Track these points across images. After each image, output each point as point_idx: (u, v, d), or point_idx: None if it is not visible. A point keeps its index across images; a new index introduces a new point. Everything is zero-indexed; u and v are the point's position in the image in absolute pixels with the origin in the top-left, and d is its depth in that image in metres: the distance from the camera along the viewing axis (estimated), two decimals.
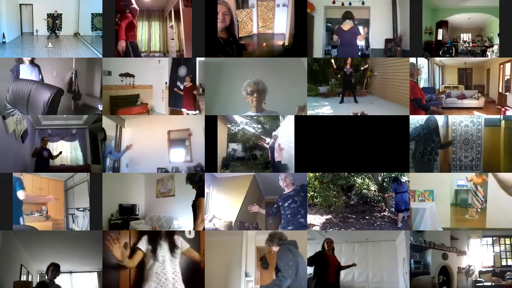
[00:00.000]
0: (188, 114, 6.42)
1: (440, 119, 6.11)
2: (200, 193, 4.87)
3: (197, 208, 4.81)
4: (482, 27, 6.08)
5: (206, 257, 5.06)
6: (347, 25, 5.91)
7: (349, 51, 6.01)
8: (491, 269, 5.65)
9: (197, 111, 6.15)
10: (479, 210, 6.12)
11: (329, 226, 6.18)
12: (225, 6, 5.09)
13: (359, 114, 5.47)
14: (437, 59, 6.21)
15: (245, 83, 4.50)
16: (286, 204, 4.75)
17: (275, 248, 4.32)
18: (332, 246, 5.30)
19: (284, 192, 4.87)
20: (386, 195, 6.91)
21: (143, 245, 4.31)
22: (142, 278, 4.25)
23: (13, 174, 5.30)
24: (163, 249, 4.31)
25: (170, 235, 4.46)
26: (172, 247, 4.37)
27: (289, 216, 4.71)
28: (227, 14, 5.03)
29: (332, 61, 6.29)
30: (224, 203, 6.71)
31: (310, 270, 5.71)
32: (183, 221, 6.09)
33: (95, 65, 6.08)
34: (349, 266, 5.57)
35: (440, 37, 6.09)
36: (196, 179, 4.96)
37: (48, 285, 5.14)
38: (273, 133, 6.47)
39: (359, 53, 6.62)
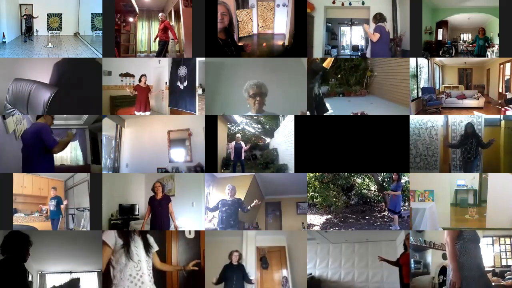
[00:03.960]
0: (140, 114, 6.55)
1: (440, 119, 6.12)
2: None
3: None
4: (482, 27, 6.07)
5: (206, 257, 5.07)
6: (387, 27, 5.87)
7: (384, 51, 5.92)
8: (491, 269, 5.64)
9: (148, 112, 6.49)
10: None
11: (329, 226, 6.18)
12: (224, 7, 5.07)
13: (359, 114, 5.47)
14: (437, 59, 6.21)
15: (246, 85, 4.47)
16: (224, 209, 5.52)
17: None
18: None
19: (226, 199, 5.58)
20: (387, 192, 6.84)
21: (111, 238, 3.55)
22: (109, 281, 3.53)
23: None
24: (139, 247, 3.63)
25: (142, 232, 3.83)
26: (147, 246, 3.74)
27: (224, 217, 5.49)
28: (226, 15, 5.01)
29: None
30: None
31: (311, 270, 5.72)
32: (183, 221, 6.07)
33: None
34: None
35: (440, 37, 6.09)
36: None
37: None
38: (237, 135, 6.57)
39: (359, 53, 6.62)
